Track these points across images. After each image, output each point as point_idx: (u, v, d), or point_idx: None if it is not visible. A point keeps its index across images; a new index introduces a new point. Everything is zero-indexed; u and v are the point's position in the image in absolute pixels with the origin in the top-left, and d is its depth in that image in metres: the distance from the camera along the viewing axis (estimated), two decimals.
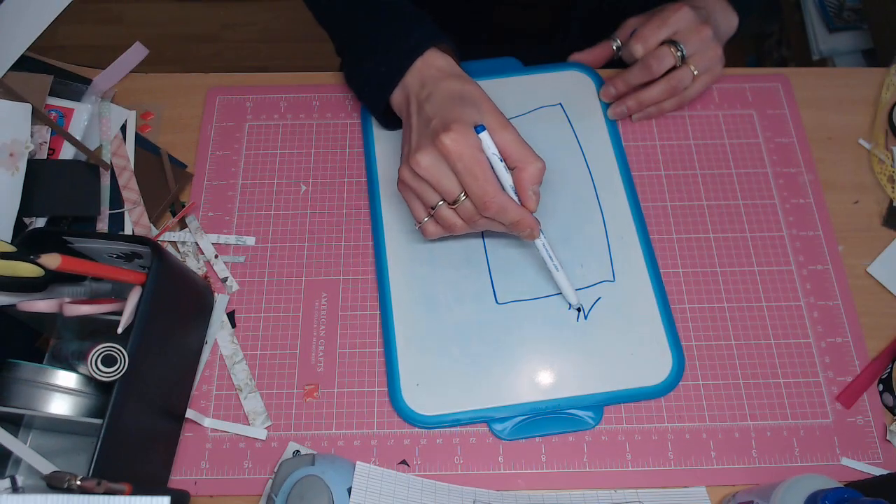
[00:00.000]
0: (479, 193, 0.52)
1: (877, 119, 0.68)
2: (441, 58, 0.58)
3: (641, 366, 0.57)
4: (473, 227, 0.56)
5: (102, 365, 0.45)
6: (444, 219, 0.55)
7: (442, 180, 0.53)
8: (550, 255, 0.57)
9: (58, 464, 0.47)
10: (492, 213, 0.53)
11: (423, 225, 0.57)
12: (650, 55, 0.62)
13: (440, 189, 0.54)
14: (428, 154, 0.52)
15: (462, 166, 0.52)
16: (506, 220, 0.54)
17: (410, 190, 0.56)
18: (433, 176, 0.53)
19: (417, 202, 0.56)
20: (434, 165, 0.53)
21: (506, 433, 0.55)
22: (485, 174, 0.52)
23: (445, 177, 0.53)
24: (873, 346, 0.59)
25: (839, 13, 1.32)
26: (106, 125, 0.66)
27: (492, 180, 0.52)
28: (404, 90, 0.58)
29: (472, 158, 0.52)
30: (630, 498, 0.53)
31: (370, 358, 0.58)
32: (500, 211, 0.53)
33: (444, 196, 0.54)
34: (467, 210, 0.54)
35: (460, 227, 0.56)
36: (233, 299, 0.60)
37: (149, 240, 0.51)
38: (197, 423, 0.55)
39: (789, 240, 0.63)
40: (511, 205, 0.53)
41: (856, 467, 0.54)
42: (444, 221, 0.55)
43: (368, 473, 0.51)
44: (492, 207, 0.52)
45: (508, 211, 0.53)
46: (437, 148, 0.52)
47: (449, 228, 0.56)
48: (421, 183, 0.54)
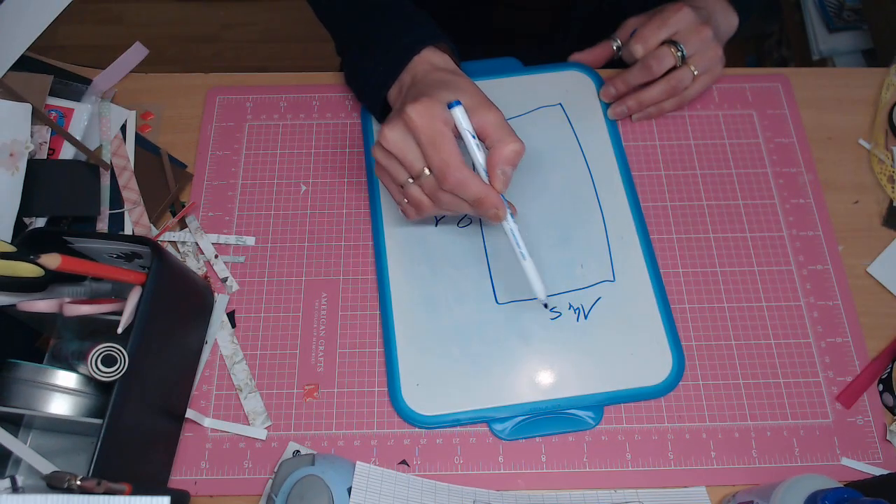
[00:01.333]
0: (438, 165, 0.51)
1: (877, 119, 0.68)
2: (438, 56, 0.58)
3: (641, 366, 0.57)
4: (438, 206, 0.54)
5: (102, 365, 0.45)
6: (412, 196, 0.54)
7: (407, 154, 0.52)
8: (517, 241, 0.54)
9: (58, 464, 0.47)
10: (450, 185, 0.51)
11: (402, 207, 0.57)
12: (650, 55, 0.62)
13: (405, 163, 0.53)
14: (394, 128, 0.52)
15: (424, 138, 0.51)
16: (466, 195, 0.52)
17: (383, 170, 0.55)
18: (399, 149, 0.52)
19: (392, 184, 0.56)
20: (400, 139, 0.52)
21: (506, 433, 0.55)
22: (447, 147, 0.51)
23: (410, 150, 0.52)
24: (873, 346, 0.59)
25: (839, 13, 1.32)
26: (106, 125, 0.66)
27: (454, 153, 0.51)
28: (398, 86, 0.58)
29: (434, 130, 0.51)
30: (630, 498, 0.53)
31: (370, 358, 0.58)
32: (460, 185, 0.51)
33: (410, 170, 0.53)
34: (429, 184, 0.53)
35: (427, 206, 0.55)
36: (233, 299, 0.60)
37: (149, 240, 0.52)
38: (197, 423, 0.55)
39: (789, 240, 0.63)
40: (473, 180, 0.52)
41: (856, 467, 0.54)
42: (412, 199, 0.55)
43: (368, 473, 0.51)
44: (450, 180, 0.51)
45: (468, 185, 0.51)
46: (403, 120, 0.51)
47: (417, 206, 0.55)
48: (390, 160, 0.54)
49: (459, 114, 0.52)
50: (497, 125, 0.53)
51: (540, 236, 0.61)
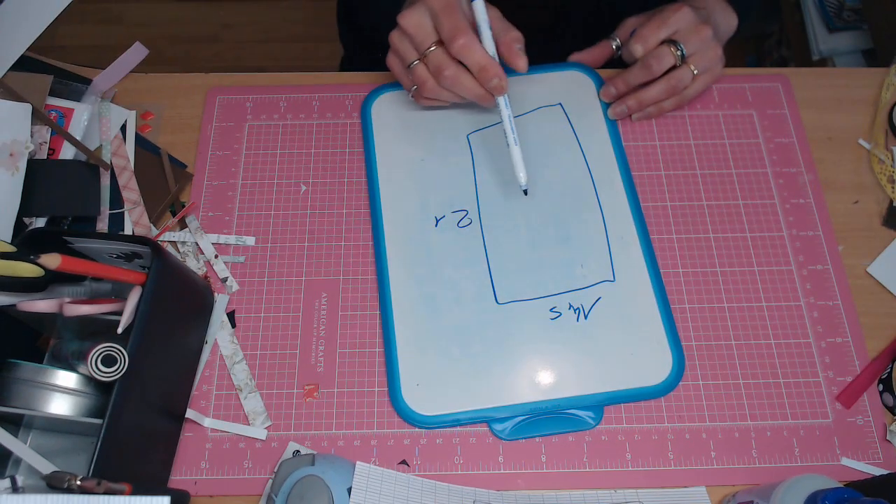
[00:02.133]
0: (448, 28, 0.55)
1: (877, 119, 0.68)
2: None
3: (641, 366, 0.57)
4: (442, 81, 0.57)
5: (102, 365, 0.45)
6: (418, 75, 0.58)
7: (420, 30, 0.56)
8: (511, 124, 0.58)
9: (58, 464, 0.47)
10: (457, 48, 0.55)
11: (413, 94, 0.61)
12: (650, 55, 0.62)
13: (417, 39, 0.57)
14: (414, 7, 0.56)
15: (438, 7, 0.55)
16: (472, 60, 0.56)
17: (395, 54, 0.59)
18: (414, 25, 0.56)
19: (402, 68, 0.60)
20: (417, 15, 0.56)
21: (506, 433, 0.55)
22: (458, 14, 0.55)
23: (424, 26, 0.56)
24: (873, 346, 0.59)
25: (839, 13, 1.32)
26: (106, 125, 0.66)
27: (464, 21, 0.55)
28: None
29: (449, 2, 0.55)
30: (630, 498, 0.53)
31: (370, 358, 0.58)
32: (467, 48, 0.55)
33: (419, 47, 0.57)
34: (436, 57, 0.56)
35: (430, 86, 0.58)
36: (233, 299, 0.60)
37: (149, 240, 0.52)
38: (197, 423, 0.55)
39: (789, 240, 0.63)
40: (479, 47, 0.56)
41: (856, 467, 0.54)
42: (418, 77, 0.58)
43: (368, 473, 0.51)
44: (458, 41, 0.55)
45: (475, 49, 0.55)
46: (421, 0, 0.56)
47: (421, 85, 0.59)
48: (403, 40, 0.58)
49: (480, 7, 0.57)
50: (500, 18, 0.59)
51: (540, 236, 0.61)
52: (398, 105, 0.68)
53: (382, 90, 0.69)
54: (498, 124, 0.67)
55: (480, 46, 0.56)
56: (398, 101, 0.68)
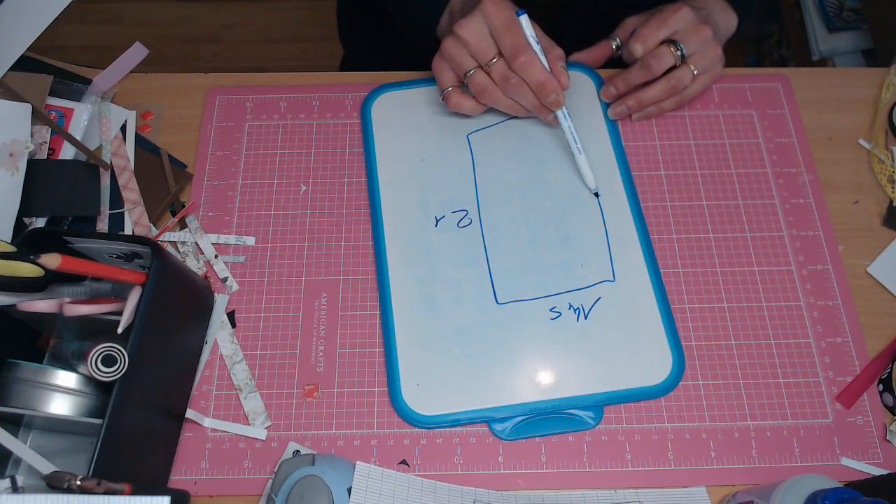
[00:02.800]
0: (511, 45, 0.57)
1: (877, 119, 0.68)
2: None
3: (641, 366, 0.57)
4: (505, 90, 0.60)
5: (102, 365, 0.45)
6: (478, 83, 0.60)
7: (481, 41, 0.58)
8: (574, 134, 0.61)
9: (58, 464, 0.47)
10: (519, 64, 0.58)
11: (447, 93, 0.62)
12: (650, 55, 0.62)
13: (478, 50, 0.59)
14: (472, 18, 0.58)
15: (499, 22, 0.57)
16: (532, 76, 0.58)
17: (446, 60, 0.61)
18: (474, 35, 0.58)
19: (448, 72, 0.62)
20: (477, 26, 0.58)
21: (506, 433, 0.55)
22: (519, 31, 0.58)
23: (485, 37, 0.58)
24: (873, 346, 0.59)
25: (839, 13, 1.32)
26: (106, 125, 0.66)
27: (525, 38, 0.58)
28: (448, 13, 0.64)
29: (508, 17, 0.58)
30: (630, 498, 0.53)
31: (370, 358, 0.58)
32: (528, 64, 0.58)
33: (480, 57, 0.59)
34: (499, 69, 0.59)
35: (491, 91, 0.60)
36: (233, 299, 0.60)
37: (149, 240, 0.52)
38: (197, 423, 0.55)
39: (789, 240, 0.63)
40: (539, 63, 0.58)
41: (856, 467, 0.54)
42: (477, 85, 0.60)
43: (368, 473, 0.51)
44: (521, 58, 0.57)
45: (536, 66, 0.58)
46: (480, 10, 0.58)
47: (479, 92, 0.61)
48: (460, 48, 0.59)
49: (526, 22, 0.59)
50: (543, 35, 0.61)
51: (540, 236, 0.61)
52: (398, 105, 0.68)
53: (382, 90, 0.69)
54: (498, 124, 0.67)
55: (540, 63, 0.59)
56: (398, 101, 0.68)
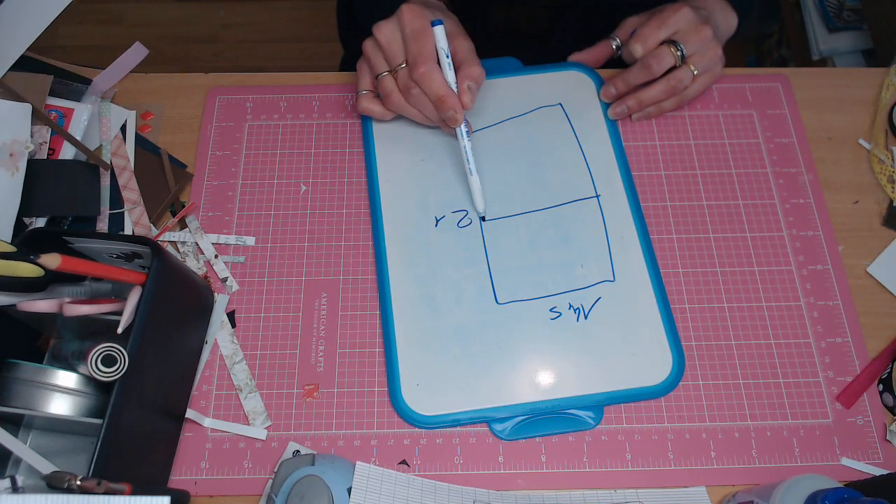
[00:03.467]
0: (413, 54, 0.57)
1: (877, 119, 0.68)
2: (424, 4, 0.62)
3: (642, 366, 0.57)
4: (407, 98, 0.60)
5: (102, 365, 0.45)
6: (384, 87, 0.60)
7: (393, 44, 0.59)
8: (468, 154, 0.60)
9: (58, 464, 0.47)
10: (418, 75, 0.57)
11: (358, 96, 0.63)
12: (650, 55, 0.62)
13: (388, 55, 0.59)
14: (389, 21, 0.59)
15: (409, 31, 0.57)
16: (431, 89, 0.58)
17: (365, 61, 0.62)
18: (387, 39, 0.59)
19: (367, 75, 0.63)
20: (391, 30, 0.59)
21: (506, 433, 0.55)
22: (425, 41, 0.57)
23: (396, 43, 0.59)
24: (873, 346, 0.59)
25: (839, 13, 1.32)
26: (106, 125, 0.66)
27: (429, 50, 0.58)
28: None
29: (420, 27, 0.57)
30: (630, 498, 0.53)
31: (370, 358, 0.58)
32: (427, 76, 0.57)
33: (390, 61, 0.59)
34: (403, 76, 0.59)
35: (395, 98, 0.60)
36: (233, 299, 0.60)
37: (149, 240, 0.51)
38: (197, 423, 0.55)
39: (789, 240, 0.63)
40: (439, 77, 0.58)
41: (856, 467, 0.54)
42: (383, 89, 0.61)
43: (368, 473, 0.51)
44: (419, 69, 0.57)
45: (434, 79, 0.58)
46: (396, 15, 0.58)
47: (386, 97, 0.61)
48: (376, 51, 0.60)
49: (439, 33, 0.58)
50: (469, 51, 0.60)
51: (540, 236, 0.61)
52: None
53: None
54: (498, 124, 0.67)
55: (440, 77, 0.58)
56: None
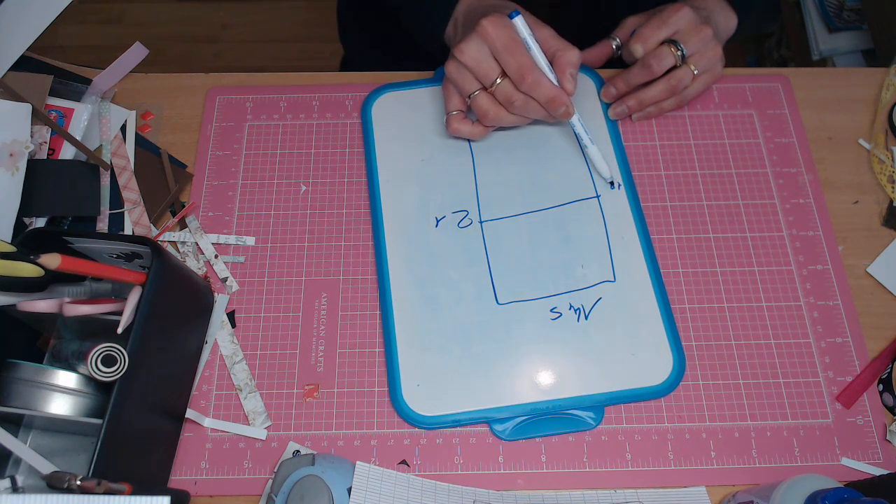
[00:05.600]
0: (515, 66, 0.56)
1: (877, 119, 0.68)
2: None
3: (642, 366, 0.57)
4: (511, 109, 0.59)
5: (102, 365, 0.45)
6: (480, 106, 0.59)
7: (482, 63, 0.57)
8: (584, 129, 0.61)
9: (58, 464, 0.47)
10: (527, 85, 0.57)
11: (448, 118, 0.62)
12: (650, 55, 0.62)
13: (480, 73, 0.58)
14: (470, 41, 0.57)
15: (501, 44, 0.56)
16: (541, 94, 0.57)
17: (451, 83, 0.61)
18: (474, 59, 0.57)
19: (455, 95, 0.62)
20: (476, 49, 0.57)
21: (506, 434, 0.55)
22: (522, 51, 0.57)
23: (486, 60, 0.57)
24: (873, 346, 0.59)
25: (839, 13, 1.32)
26: (106, 125, 0.66)
27: (528, 57, 0.57)
28: (454, 23, 0.64)
29: (509, 38, 0.56)
30: (630, 498, 0.53)
31: (370, 358, 0.58)
32: (536, 84, 0.57)
33: (483, 79, 0.58)
34: (504, 90, 0.58)
35: (493, 114, 0.60)
36: (233, 299, 0.60)
37: (149, 240, 0.51)
38: (197, 423, 0.55)
39: (789, 240, 0.63)
40: (546, 79, 0.57)
41: (856, 467, 0.54)
42: (480, 108, 0.60)
43: (368, 473, 0.51)
44: (528, 79, 0.56)
45: (543, 84, 0.57)
46: (478, 32, 0.57)
47: (483, 115, 0.60)
48: (462, 71, 0.59)
49: (520, 23, 0.57)
50: (553, 36, 0.59)
51: (540, 236, 0.61)
52: (398, 105, 0.68)
53: (382, 90, 0.69)
54: None
55: (547, 80, 0.57)
56: (398, 102, 0.68)
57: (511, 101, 0.58)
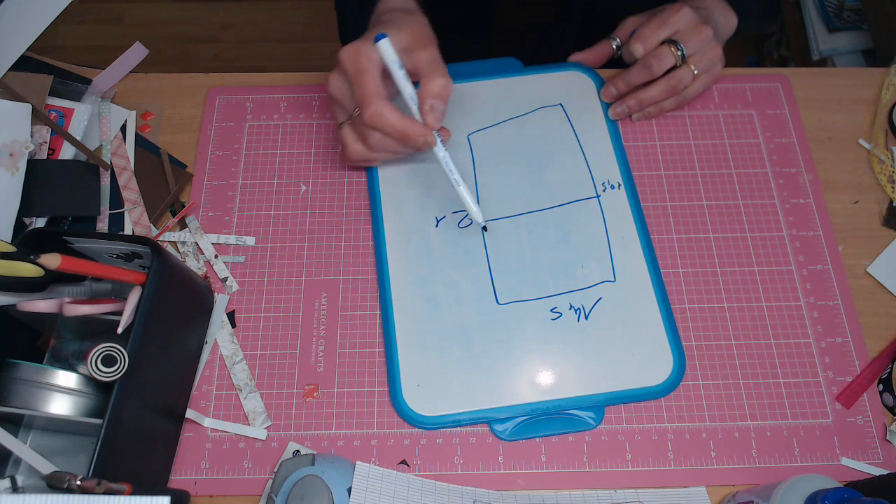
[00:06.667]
0: (358, 97, 0.52)
1: (877, 119, 0.68)
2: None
3: (642, 366, 0.57)
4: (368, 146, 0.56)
5: (102, 365, 0.45)
6: (341, 137, 0.57)
7: (343, 95, 0.55)
8: (450, 167, 0.56)
9: (58, 464, 0.47)
10: (368, 116, 0.52)
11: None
12: (650, 55, 0.62)
13: (343, 104, 0.56)
14: (334, 72, 0.55)
15: (349, 75, 0.53)
16: (386, 127, 0.53)
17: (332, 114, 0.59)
18: (337, 90, 0.55)
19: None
20: (337, 81, 0.55)
21: (507, 434, 0.55)
22: (366, 79, 0.52)
23: (345, 91, 0.55)
24: (873, 346, 0.59)
25: (839, 13, 1.32)
26: (106, 125, 0.66)
27: (373, 85, 0.52)
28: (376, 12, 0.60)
29: (356, 65, 0.52)
30: (630, 498, 0.53)
31: (370, 358, 0.58)
32: (377, 116, 0.52)
33: (345, 111, 0.56)
34: (358, 123, 0.55)
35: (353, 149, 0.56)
36: (233, 299, 0.60)
37: (149, 240, 0.51)
38: (197, 423, 0.55)
39: (789, 240, 0.63)
40: (391, 112, 0.52)
41: (856, 467, 0.54)
42: (340, 139, 0.56)
43: (368, 473, 0.51)
44: (368, 110, 0.52)
45: (386, 117, 0.52)
46: (338, 63, 0.54)
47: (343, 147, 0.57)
48: (333, 103, 0.57)
49: (383, 46, 0.52)
50: (429, 62, 0.54)
51: (541, 236, 0.61)
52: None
53: None
54: (498, 125, 0.67)
55: (392, 112, 0.53)
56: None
57: (364, 135, 0.55)
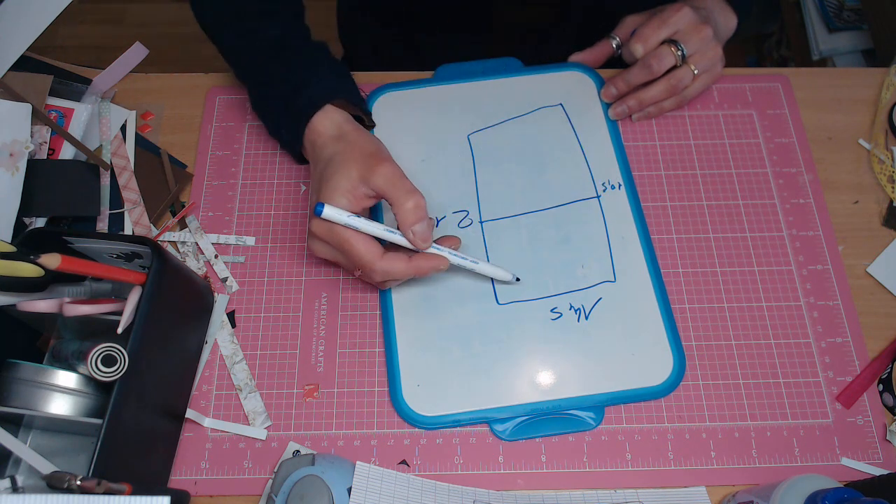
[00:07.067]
0: (359, 266, 0.53)
1: (877, 119, 0.68)
2: (330, 118, 0.57)
3: (642, 366, 0.57)
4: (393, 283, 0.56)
5: (102, 365, 0.45)
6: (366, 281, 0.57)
7: (338, 259, 0.55)
8: (463, 258, 0.56)
9: (58, 464, 0.47)
10: (380, 277, 0.53)
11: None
12: (651, 55, 0.62)
13: (342, 265, 0.56)
14: (313, 241, 0.55)
15: (334, 246, 0.53)
16: (399, 276, 0.53)
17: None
18: (330, 256, 0.55)
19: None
20: (321, 249, 0.55)
21: (507, 434, 0.55)
22: (356, 250, 0.52)
23: (336, 256, 0.55)
24: (873, 346, 0.59)
25: (839, 13, 1.32)
26: (106, 125, 0.66)
27: (366, 251, 0.52)
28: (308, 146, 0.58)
29: (338, 239, 0.52)
30: (630, 498, 0.53)
31: (370, 358, 0.58)
32: (388, 273, 0.53)
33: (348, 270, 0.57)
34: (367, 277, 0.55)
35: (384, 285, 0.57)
36: (233, 299, 0.60)
37: (149, 240, 0.51)
38: (197, 423, 0.55)
39: (789, 240, 0.63)
40: (397, 264, 0.53)
41: (856, 467, 0.54)
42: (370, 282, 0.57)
43: (368, 473, 0.51)
44: (377, 274, 0.53)
45: (395, 270, 0.53)
46: (311, 235, 0.54)
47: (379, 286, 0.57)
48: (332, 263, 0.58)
49: (330, 213, 0.51)
50: (390, 184, 0.52)
51: (541, 236, 0.61)
52: (398, 105, 0.68)
53: (382, 90, 0.69)
54: (498, 125, 0.67)
55: (397, 262, 0.53)
56: (398, 101, 0.68)
57: (379, 285, 0.56)
